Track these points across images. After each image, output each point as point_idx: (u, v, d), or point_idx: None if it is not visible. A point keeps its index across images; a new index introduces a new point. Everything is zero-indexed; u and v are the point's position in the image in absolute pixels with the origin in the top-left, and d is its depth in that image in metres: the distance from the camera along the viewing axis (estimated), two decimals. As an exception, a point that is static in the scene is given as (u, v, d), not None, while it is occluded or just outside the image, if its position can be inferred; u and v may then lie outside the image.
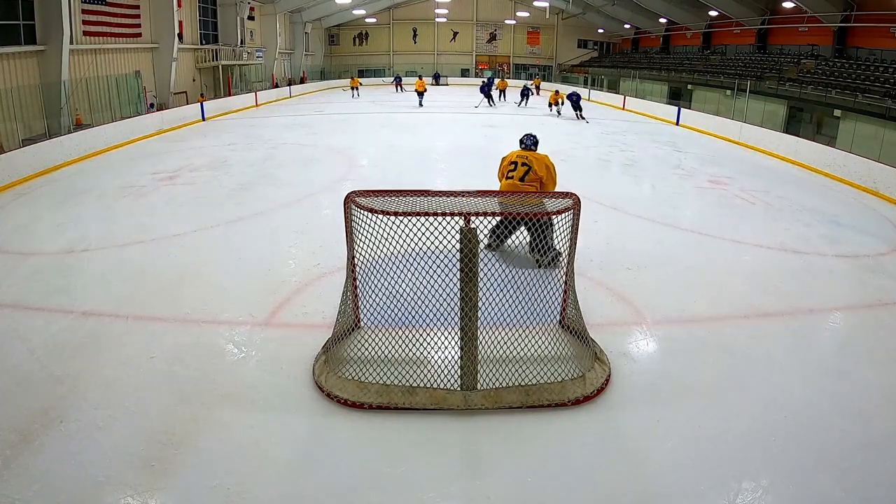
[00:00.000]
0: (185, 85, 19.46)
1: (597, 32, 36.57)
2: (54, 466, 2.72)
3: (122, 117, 13.86)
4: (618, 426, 3.10)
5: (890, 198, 8.72)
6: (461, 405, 3.18)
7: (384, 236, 3.27)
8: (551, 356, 3.50)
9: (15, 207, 7.46)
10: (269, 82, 26.07)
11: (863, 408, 3.29)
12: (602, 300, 4.62)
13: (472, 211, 3.17)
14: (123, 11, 15.95)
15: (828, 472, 2.76)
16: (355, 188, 3.59)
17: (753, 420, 3.16)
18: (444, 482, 2.69)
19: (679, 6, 25.21)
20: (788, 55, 20.17)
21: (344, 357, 3.60)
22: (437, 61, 37.94)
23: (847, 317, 4.60)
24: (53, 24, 12.41)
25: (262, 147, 11.91)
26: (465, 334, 3.20)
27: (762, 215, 7.42)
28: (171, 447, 2.86)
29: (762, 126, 13.89)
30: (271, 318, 4.25)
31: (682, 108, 17.86)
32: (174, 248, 5.71)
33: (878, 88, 14.52)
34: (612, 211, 7.14)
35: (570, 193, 3.57)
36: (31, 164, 9.29)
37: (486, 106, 20.97)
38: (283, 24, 28.23)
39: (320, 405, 3.22)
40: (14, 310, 4.38)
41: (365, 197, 3.43)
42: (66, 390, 3.32)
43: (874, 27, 16.57)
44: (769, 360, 3.78)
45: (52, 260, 5.45)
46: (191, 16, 20.41)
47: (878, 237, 6.66)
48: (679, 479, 2.72)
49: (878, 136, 12.38)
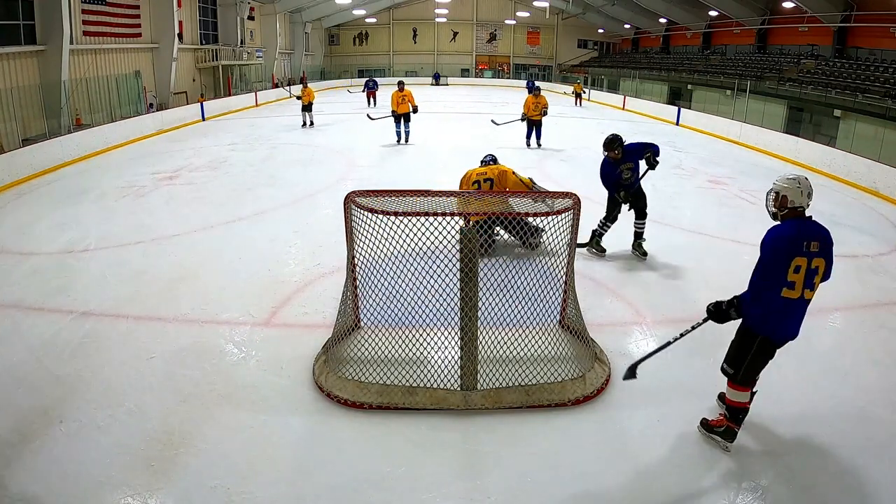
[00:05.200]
0: (185, 85, 19.45)
1: (597, 32, 36.58)
2: (54, 466, 2.72)
3: (122, 117, 13.85)
4: (618, 426, 3.10)
5: (890, 198, 8.72)
6: (461, 405, 3.18)
7: (384, 236, 3.27)
8: (551, 356, 3.50)
9: (15, 207, 7.46)
10: (269, 82, 26.06)
11: (863, 408, 3.29)
12: (602, 300, 4.62)
13: (472, 211, 3.17)
14: (123, 11, 15.95)
15: (828, 472, 2.76)
16: (355, 188, 3.59)
17: (753, 420, 3.15)
18: (444, 482, 2.69)
19: (679, 6, 25.21)
20: (788, 55, 20.17)
21: (344, 357, 3.60)
22: (437, 61, 37.94)
23: (847, 317, 4.60)
24: (53, 24, 12.41)
25: (262, 147, 11.91)
26: (465, 334, 3.20)
27: (762, 215, 7.35)
28: (171, 447, 2.86)
29: (762, 126, 13.88)
30: (271, 318, 4.25)
31: (682, 108, 17.86)
32: (174, 248, 5.70)
33: (878, 88, 14.52)
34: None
35: (571, 193, 3.57)
36: (31, 164, 9.29)
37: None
38: (283, 24, 28.23)
39: (320, 405, 3.22)
40: (14, 310, 4.38)
41: (365, 197, 3.43)
42: (66, 390, 3.32)
43: (874, 27, 16.57)
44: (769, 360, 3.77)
45: (52, 260, 5.45)
46: (191, 16, 20.40)
47: (878, 237, 6.66)
48: (679, 478, 2.72)
49: (878, 136, 12.37)
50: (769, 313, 2.74)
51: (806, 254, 2.68)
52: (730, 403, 2.92)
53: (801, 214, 2.77)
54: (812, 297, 2.76)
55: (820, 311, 4.59)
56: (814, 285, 2.75)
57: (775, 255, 2.70)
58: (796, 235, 2.70)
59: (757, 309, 2.75)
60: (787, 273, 2.69)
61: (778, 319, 2.76)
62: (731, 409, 2.91)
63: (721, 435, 2.95)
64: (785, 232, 2.74)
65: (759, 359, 2.83)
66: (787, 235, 2.72)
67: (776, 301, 2.71)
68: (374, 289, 3.52)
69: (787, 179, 2.79)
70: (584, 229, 4.68)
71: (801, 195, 2.74)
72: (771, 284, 2.71)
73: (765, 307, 2.73)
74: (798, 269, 2.69)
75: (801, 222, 2.76)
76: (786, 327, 2.80)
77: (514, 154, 10.73)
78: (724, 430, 2.94)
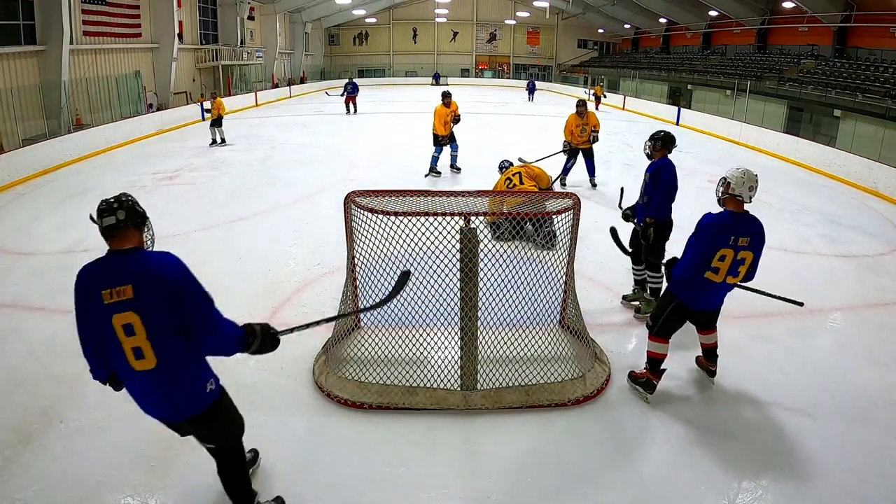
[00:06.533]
0: (185, 85, 19.46)
1: (597, 32, 36.59)
2: (54, 466, 2.72)
3: (122, 117, 13.86)
4: (618, 426, 3.10)
5: (890, 198, 8.72)
6: (461, 405, 3.18)
7: (384, 236, 3.27)
8: (551, 356, 3.50)
9: (15, 207, 7.46)
10: (269, 82, 26.06)
11: (863, 408, 3.29)
12: (602, 300, 4.62)
13: (472, 211, 3.17)
14: (123, 11, 15.96)
15: (828, 472, 2.76)
16: (355, 188, 3.59)
17: (753, 420, 3.16)
18: (444, 482, 2.69)
19: (679, 6, 25.22)
20: (788, 55, 20.18)
21: (344, 357, 3.60)
22: (437, 61, 37.94)
23: (847, 317, 4.60)
24: (53, 24, 12.42)
25: (262, 147, 11.91)
26: (465, 334, 3.20)
27: (762, 215, 7.29)
28: (171, 447, 2.85)
29: (762, 126, 13.89)
30: (271, 318, 4.25)
31: (682, 107, 17.86)
32: (174, 248, 5.60)
33: (878, 88, 14.52)
34: (612, 211, 7.11)
35: (570, 193, 3.57)
36: (31, 164, 9.29)
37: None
38: (283, 24, 28.24)
39: (320, 405, 3.22)
40: (14, 310, 4.38)
41: (365, 197, 3.43)
42: (66, 390, 3.32)
43: (874, 27, 16.57)
44: (769, 360, 3.78)
45: (52, 260, 5.45)
46: (191, 16, 20.41)
47: (878, 237, 6.66)
48: (679, 479, 2.72)
49: (878, 136, 12.38)
50: (691, 287, 3.06)
51: (733, 247, 2.91)
52: (649, 355, 3.26)
53: (739, 205, 2.97)
54: (735, 282, 3.02)
55: (820, 311, 4.60)
56: (738, 273, 2.98)
57: (704, 242, 2.94)
58: (727, 228, 2.92)
59: (680, 277, 3.04)
60: (713, 260, 2.93)
61: (697, 293, 3.08)
62: (650, 360, 3.26)
63: (642, 385, 3.29)
64: (718, 222, 2.94)
65: (675, 318, 3.19)
66: (719, 227, 2.93)
67: (699, 279, 3.00)
68: (374, 289, 3.52)
69: (736, 170, 3.00)
70: (585, 229, 4.68)
71: (743, 186, 2.93)
72: (697, 264, 2.96)
73: (688, 280, 3.03)
74: (723, 259, 2.93)
75: (736, 216, 2.96)
76: (703, 301, 3.14)
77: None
78: (645, 382, 3.28)
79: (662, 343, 3.22)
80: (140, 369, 1.89)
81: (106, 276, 1.86)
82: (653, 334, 3.23)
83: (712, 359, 3.42)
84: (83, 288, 1.93)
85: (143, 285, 1.83)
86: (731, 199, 2.96)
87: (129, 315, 1.82)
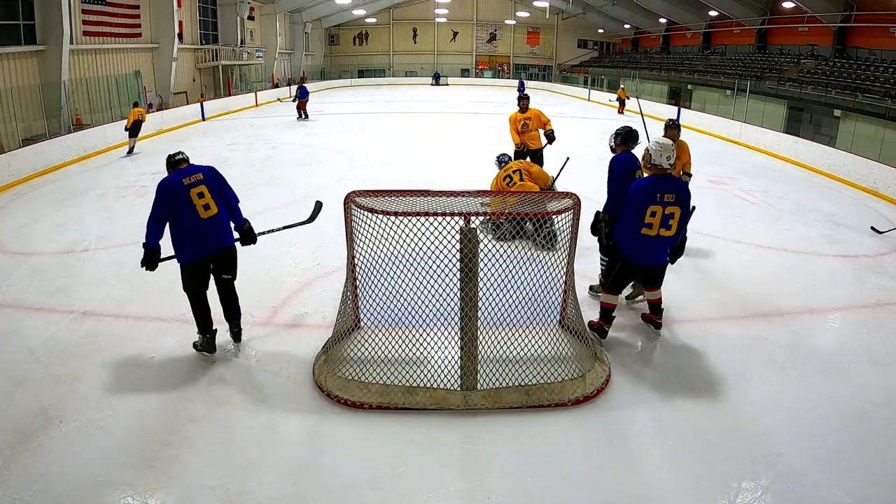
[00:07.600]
0: (185, 85, 19.46)
1: (597, 32, 36.59)
2: (54, 466, 2.72)
3: (122, 117, 13.84)
4: (618, 426, 3.10)
5: (890, 198, 8.71)
6: (461, 405, 3.18)
7: (384, 236, 3.27)
8: (551, 356, 3.50)
9: (15, 207, 7.46)
10: (269, 82, 26.06)
11: (863, 408, 3.29)
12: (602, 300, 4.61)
13: (472, 211, 3.16)
14: (123, 11, 15.96)
15: (828, 472, 2.76)
16: (355, 188, 3.59)
17: (753, 420, 3.16)
18: (444, 482, 2.69)
19: (679, 6, 25.22)
20: (788, 55, 20.19)
21: (344, 357, 3.60)
22: (437, 61, 37.94)
23: (847, 317, 4.60)
24: (53, 24, 12.42)
25: (262, 147, 11.91)
26: (465, 334, 3.20)
27: (762, 215, 7.42)
28: (171, 447, 2.86)
29: (762, 126, 13.88)
30: (271, 318, 4.26)
31: (682, 107, 17.86)
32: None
33: (878, 88, 14.53)
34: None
35: (571, 193, 3.56)
36: (31, 164, 9.29)
37: None
38: (283, 24, 28.25)
39: (320, 405, 3.22)
40: (14, 310, 4.38)
41: (365, 197, 3.43)
42: (66, 390, 3.32)
43: (874, 27, 16.58)
44: (769, 360, 3.78)
45: (52, 260, 5.45)
46: (191, 16, 20.41)
47: (878, 237, 6.66)
48: (679, 479, 2.72)
49: (878, 136, 12.39)
50: (631, 244, 3.61)
51: (661, 202, 3.46)
52: (602, 305, 3.85)
53: (661, 171, 3.52)
54: (669, 234, 3.54)
55: (820, 311, 4.61)
56: (670, 227, 3.52)
57: (636, 201, 3.51)
58: (653, 188, 3.47)
59: (623, 238, 3.65)
60: (645, 216, 3.49)
61: (637, 249, 3.62)
62: (602, 309, 3.84)
63: (596, 331, 3.84)
64: (644, 185, 3.53)
65: (623, 274, 3.77)
66: (645, 188, 3.50)
67: (636, 235, 3.56)
68: (374, 289, 3.52)
69: (655, 142, 3.54)
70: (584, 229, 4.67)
71: (661, 157, 3.50)
72: (633, 223, 3.54)
73: (629, 239, 3.61)
74: (654, 214, 3.48)
75: (659, 178, 3.51)
76: (644, 256, 3.65)
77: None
78: (598, 329, 3.84)
79: (613, 296, 3.81)
80: (206, 217, 3.45)
81: (184, 172, 3.49)
82: (605, 288, 3.85)
83: (658, 312, 3.92)
84: (171, 184, 3.41)
85: (206, 173, 3.55)
86: (655, 167, 3.52)
87: (201, 188, 3.45)
